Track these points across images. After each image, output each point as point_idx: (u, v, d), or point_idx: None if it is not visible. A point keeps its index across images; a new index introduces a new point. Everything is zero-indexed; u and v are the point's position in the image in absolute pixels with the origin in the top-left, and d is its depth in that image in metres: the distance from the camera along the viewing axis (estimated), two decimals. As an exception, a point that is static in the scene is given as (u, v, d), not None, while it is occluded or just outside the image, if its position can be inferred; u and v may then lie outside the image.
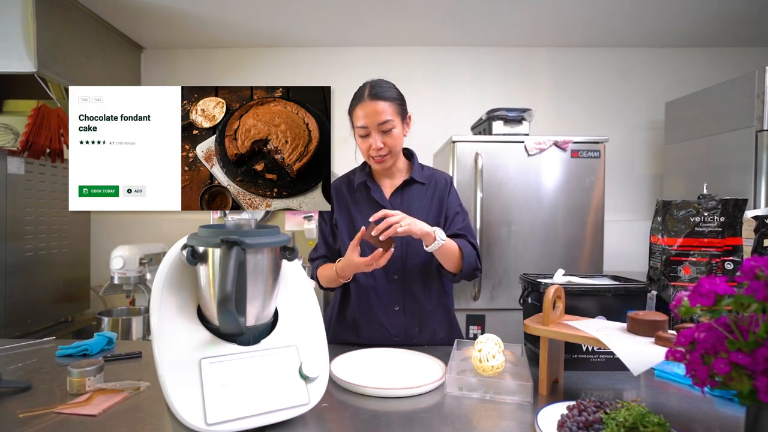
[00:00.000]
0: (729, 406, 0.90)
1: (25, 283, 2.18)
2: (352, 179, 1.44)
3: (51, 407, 0.86)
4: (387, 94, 1.29)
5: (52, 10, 2.13)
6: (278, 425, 0.80)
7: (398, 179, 1.41)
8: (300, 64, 2.96)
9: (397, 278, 1.36)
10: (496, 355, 0.97)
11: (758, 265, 0.58)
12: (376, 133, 1.27)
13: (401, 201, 1.38)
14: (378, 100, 1.27)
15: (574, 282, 1.17)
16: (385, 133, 1.28)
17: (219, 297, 0.73)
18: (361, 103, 1.28)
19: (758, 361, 0.55)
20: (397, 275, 1.36)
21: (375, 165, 1.34)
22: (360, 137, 1.31)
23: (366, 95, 1.28)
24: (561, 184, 2.15)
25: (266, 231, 0.82)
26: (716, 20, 2.56)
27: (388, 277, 1.36)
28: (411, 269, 1.35)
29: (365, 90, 1.29)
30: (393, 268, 1.35)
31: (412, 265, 1.35)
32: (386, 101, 1.28)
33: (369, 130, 1.28)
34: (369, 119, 1.26)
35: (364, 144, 1.31)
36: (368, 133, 1.28)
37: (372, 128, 1.27)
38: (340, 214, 1.40)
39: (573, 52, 2.96)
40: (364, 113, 1.27)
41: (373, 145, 1.28)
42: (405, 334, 1.35)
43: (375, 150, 1.29)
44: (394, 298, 1.36)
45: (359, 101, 1.29)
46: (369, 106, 1.26)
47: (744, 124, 2.06)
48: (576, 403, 0.79)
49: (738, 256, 1.32)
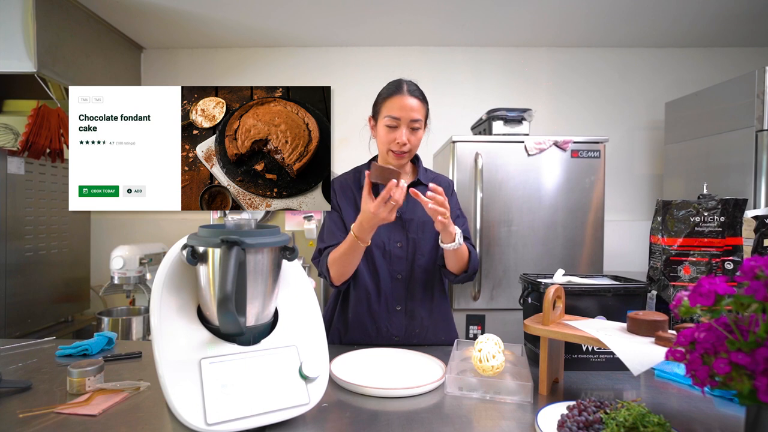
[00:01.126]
0: (729, 406, 0.90)
1: (25, 283, 2.18)
2: (359, 177, 1.43)
3: (51, 407, 0.86)
4: (422, 96, 1.33)
5: (52, 10, 2.13)
6: (278, 425, 0.80)
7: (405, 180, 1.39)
8: (300, 64, 2.96)
9: (401, 278, 1.36)
10: (496, 355, 0.97)
11: (758, 265, 0.58)
12: (405, 127, 1.28)
13: (409, 200, 1.36)
14: (415, 98, 1.30)
15: (574, 282, 1.17)
16: (412, 131, 1.30)
17: (219, 297, 0.73)
18: (399, 94, 1.29)
19: (758, 361, 0.55)
20: (401, 275, 1.36)
21: (393, 160, 1.33)
22: (386, 127, 1.30)
23: (405, 89, 1.30)
24: (561, 184, 2.15)
25: (266, 231, 0.82)
26: (716, 20, 2.56)
27: (392, 276, 1.36)
28: (416, 269, 1.35)
29: (403, 85, 1.31)
30: (398, 268, 1.35)
31: (417, 265, 1.36)
32: (421, 102, 1.31)
33: (399, 123, 1.28)
34: (404, 112, 1.27)
35: (388, 135, 1.30)
36: (397, 126, 1.28)
37: (403, 122, 1.28)
38: (347, 208, 1.39)
39: (573, 52, 2.95)
40: (400, 105, 1.28)
41: (398, 139, 1.28)
42: (405, 335, 1.35)
43: (399, 144, 1.29)
44: (396, 298, 1.35)
45: (396, 93, 1.30)
46: (406, 99, 1.28)
47: (744, 124, 2.06)
48: (576, 403, 0.79)
49: (738, 256, 1.32)
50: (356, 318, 1.37)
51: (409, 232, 1.36)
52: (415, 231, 1.36)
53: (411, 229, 1.36)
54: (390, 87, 1.33)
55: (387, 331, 1.35)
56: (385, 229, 1.34)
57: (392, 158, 1.32)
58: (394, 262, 1.35)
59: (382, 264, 1.35)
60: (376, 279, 1.35)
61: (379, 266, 1.35)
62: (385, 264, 1.35)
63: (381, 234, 1.34)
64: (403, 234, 1.36)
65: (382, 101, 1.32)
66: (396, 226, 1.35)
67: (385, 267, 1.35)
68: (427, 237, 1.36)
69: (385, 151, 1.33)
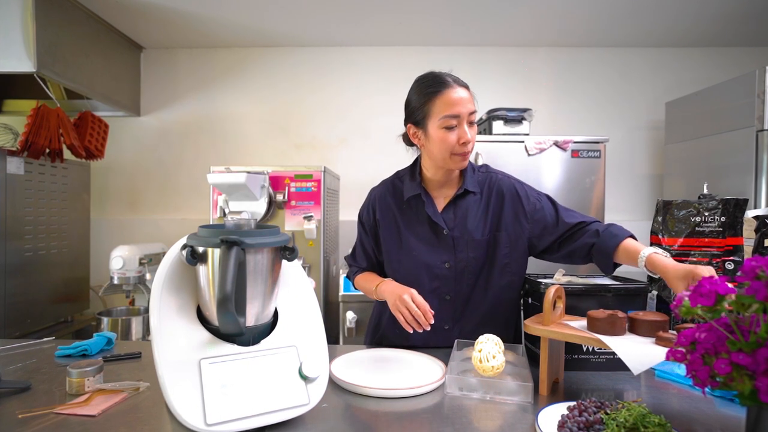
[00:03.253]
0: (730, 407, 0.90)
1: (24, 283, 2.18)
2: (400, 188, 1.29)
3: (50, 407, 0.85)
4: (467, 85, 1.16)
5: (51, 10, 2.13)
6: (278, 425, 0.80)
7: (451, 189, 1.26)
8: (300, 64, 2.96)
9: (449, 299, 1.24)
10: (496, 356, 0.97)
11: (759, 265, 0.58)
12: (465, 123, 1.13)
13: (455, 216, 1.24)
14: (464, 88, 1.14)
15: (575, 282, 1.17)
16: (471, 126, 1.15)
17: (219, 297, 0.72)
18: (451, 88, 1.12)
19: (759, 362, 0.55)
20: (449, 296, 1.24)
21: (458, 163, 1.17)
22: (445, 129, 1.13)
23: (452, 82, 1.13)
24: (561, 184, 2.15)
25: (266, 231, 0.82)
26: (716, 20, 2.56)
27: (440, 297, 1.24)
28: (464, 289, 1.24)
29: (447, 78, 1.14)
30: (446, 289, 1.24)
31: (467, 284, 1.24)
32: (469, 91, 1.15)
33: (459, 120, 1.12)
34: (463, 107, 1.11)
35: (449, 137, 1.13)
36: (458, 124, 1.13)
37: (463, 118, 1.12)
38: (386, 227, 1.28)
39: (573, 52, 2.95)
40: (456, 101, 1.11)
41: (463, 138, 1.12)
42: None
43: (464, 144, 1.13)
44: (444, 319, 1.24)
45: (446, 87, 1.12)
46: (461, 92, 1.12)
47: (744, 124, 2.06)
48: (576, 403, 0.79)
49: (739, 256, 1.32)
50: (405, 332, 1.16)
51: (458, 250, 1.23)
52: (464, 249, 1.22)
53: (459, 247, 1.23)
54: (433, 84, 1.15)
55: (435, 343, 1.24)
56: (430, 248, 1.23)
57: (458, 161, 1.17)
58: (441, 282, 1.23)
59: (428, 285, 1.23)
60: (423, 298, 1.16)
61: (426, 287, 1.23)
62: (432, 285, 1.23)
63: (426, 253, 1.23)
64: (451, 253, 1.23)
65: (430, 101, 1.14)
66: (443, 244, 1.23)
67: (431, 288, 1.23)
68: (479, 255, 1.23)
69: (447, 156, 1.16)
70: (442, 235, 1.23)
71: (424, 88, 1.16)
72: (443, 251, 1.23)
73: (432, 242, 1.23)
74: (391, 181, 1.34)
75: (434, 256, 1.23)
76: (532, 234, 1.25)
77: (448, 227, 1.23)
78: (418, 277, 1.24)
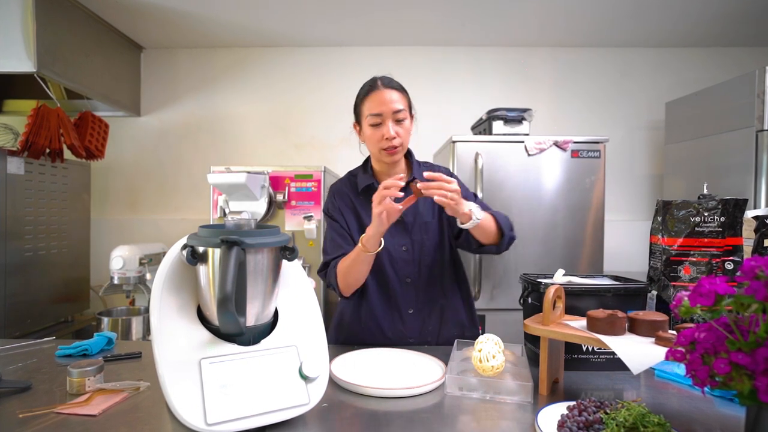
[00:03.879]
0: (729, 407, 0.90)
1: (25, 283, 2.18)
2: (355, 182, 1.40)
3: (51, 407, 0.86)
4: (399, 86, 1.29)
5: (51, 10, 2.13)
6: (278, 425, 0.80)
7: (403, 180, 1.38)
8: (299, 64, 2.96)
9: (410, 281, 1.34)
10: (496, 355, 0.97)
11: (758, 265, 0.58)
12: (390, 121, 1.25)
13: None
14: (392, 89, 1.26)
15: (574, 282, 1.17)
16: (398, 123, 1.26)
17: (219, 297, 0.72)
18: (376, 91, 1.26)
19: (758, 361, 0.55)
20: (410, 278, 1.34)
21: (386, 158, 1.29)
22: (371, 126, 1.26)
23: (379, 84, 1.27)
24: (561, 184, 2.15)
25: (266, 231, 0.82)
26: (717, 20, 2.56)
27: (401, 280, 1.34)
28: (423, 271, 1.34)
29: (377, 81, 1.28)
30: (406, 272, 1.33)
31: (424, 266, 1.34)
32: (399, 92, 1.28)
33: (383, 119, 1.25)
34: (385, 107, 1.24)
35: (376, 134, 1.26)
36: (381, 122, 1.25)
37: (386, 116, 1.24)
38: (348, 216, 1.37)
39: (573, 52, 2.95)
40: (379, 101, 1.24)
41: (386, 134, 1.24)
42: (420, 336, 1.34)
43: (388, 140, 1.25)
44: (408, 302, 1.34)
45: (372, 90, 1.27)
46: (384, 93, 1.25)
47: (744, 124, 2.06)
48: (576, 403, 0.79)
49: (738, 256, 1.32)
50: (370, 323, 1.34)
51: (413, 234, 1.34)
52: (418, 233, 1.34)
53: (414, 231, 1.34)
54: (364, 87, 1.30)
55: (402, 333, 1.33)
56: (388, 235, 1.30)
57: (385, 156, 1.29)
58: (401, 266, 1.33)
59: (389, 269, 1.33)
60: (384, 285, 1.34)
61: (387, 272, 1.33)
62: (393, 269, 1.33)
63: (385, 240, 1.31)
64: (407, 237, 1.34)
65: (361, 103, 1.29)
66: (398, 230, 1.33)
67: (392, 272, 1.33)
68: (431, 237, 1.35)
69: (377, 151, 1.29)
70: (397, 220, 1.29)
71: (360, 90, 1.31)
72: (399, 236, 1.34)
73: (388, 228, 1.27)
74: (347, 177, 1.45)
75: (392, 241, 1.31)
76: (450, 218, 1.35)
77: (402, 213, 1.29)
78: (380, 263, 1.31)
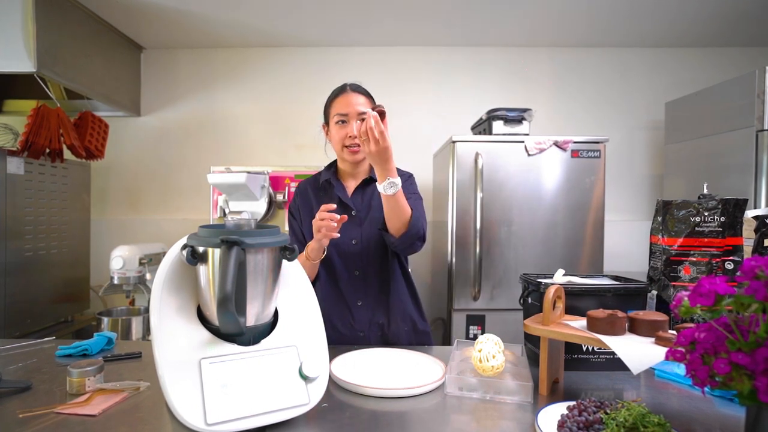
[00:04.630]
0: (729, 407, 0.90)
1: (25, 283, 2.18)
2: (318, 178, 1.49)
3: (51, 407, 0.86)
4: (365, 92, 1.40)
5: (52, 10, 2.13)
6: (278, 425, 0.80)
7: (361, 179, 1.45)
8: (300, 64, 2.96)
9: (358, 274, 1.40)
10: (496, 355, 0.97)
11: (758, 265, 0.58)
12: (354, 121, 1.34)
13: (362, 199, 1.42)
14: (358, 93, 1.38)
15: (574, 282, 1.17)
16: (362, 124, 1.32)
17: (219, 297, 0.73)
18: (343, 94, 1.37)
19: (758, 361, 0.55)
20: (358, 271, 1.40)
21: (349, 156, 1.37)
22: (337, 125, 1.36)
23: (348, 89, 1.39)
24: (561, 184, 2.15)
25: (266, 231, 0.82)
26: (716, 20, 2.56)
27: (349, 273, 1.39)
28: (371, 264, 1.39)
29: (346, 86, 1.40)
30: (355, 264, 1.39)
31: (373, 259, 1.39)
32: (364, 96, 1.39)
33: (348, 119, 1.34)
34: (350, 108, 1.34)
35: (340, 132, 1.35)
36: (346, 122, 1.35)
37: (351, 117, 1.34)
38: (304, 211, 1.44)
39: (573, 52, 2.95)
40: (346, 102, 1.35)
41: (350, 133, 1.34)
42: (369, 329, 1.38)
43: (351, 137, 1.34)
44: (356, 294, 1.40)
45: (340, 93, 1.38)
46: (350, 96, 1.36)
47: (744, 124, 2.06)
48: (576, 403, 0.79)
49: (738, 256, 1.32)
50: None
51: (363, 228, 1.40)
52: (368, 227, 1.40)
53: (365, 225, 1.40)
54: (334, 91, 1.41)
55: (351, 326, 1.38)
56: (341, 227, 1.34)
57: (347, 155, 1.36)
58: (350, 259, 1.39)
59: (338, 262, 1.39)
60: (333, 277, 1.40)
61: (336, 264, 1.39)
62: (342, 262, 1.39)
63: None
64: (358, 231, 1.40)
65: (330, 105, 1.40)
66: (350, 223, 1.39)
67: (342, 265, 1.39)
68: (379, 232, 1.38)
69: (340, 149, 1.38)
70: (350, 216, 1.40)
71: (330, 94, 1.42)
72: (351, 230, 1.39)
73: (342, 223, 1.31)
74: (313, 176, 1.53)
75: (343, 235, 1.34)
76: None
77: (356, 208, 1.41)
78: (330, 255, 1.37)
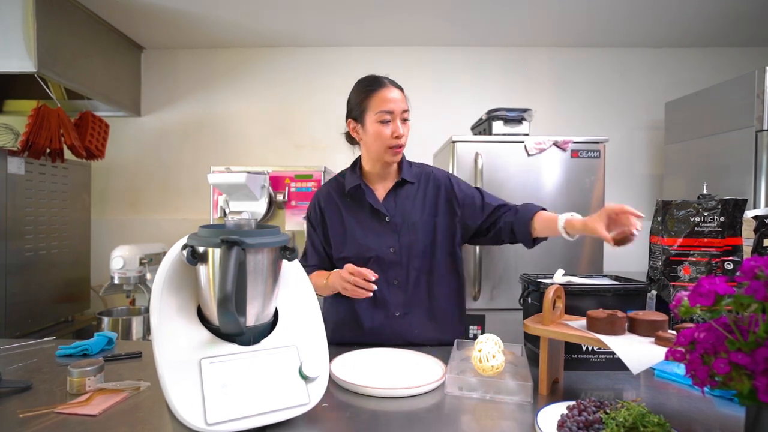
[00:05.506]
0: (729, 406, 0.90)
1: (25, 283, 2.18)
2: (342, 182, 1.39)
3: (51, 407, 0.86)
4: (400, 86, 1.29)
5: (52, 10, 2.13)
6: (278, 425, 0.80)
7: (390, 181, 1.37)
8: (300, 64, 2.96)
9: (397, 283, 1.33)
10: (496, 355, 0.97)
11: (758, 265, 0.58)
12: (399, 119, 1.26)
13: (395, 203, 1.34)
14: (398, 89, 1.28)
15: (574, 282, 1.17)
16: (404, 123, 1.27)
17: (219, 297, 0.73)
18: (386, 87, 1.26)
19: (758, 361, 0.55)
20: (397, 280, 1.33)
21: (391, 157, 1.29)
22: (380, 123, 1.25)
23: (387, 83, 1.27)
24: (561, 184, 2.15)
25: (266, 231, 0.82)
26: (716, 20, 2.56)
27: (388, 282, 1.32)
28: (411, 273, 1.33)
29: (382, 79, 1.28)
30: (393, 274, 1.32)
31: (413, 268, 1.33)
32: (402, 93, 1.29)
33: (393, 117, 1.25)
34: (396, 105, 1.24)
35: (384, 130, 1.25)
36: (391, 120, 1.25)
37: (396, 114, 1.25)
38: (331, 219, 1.37)
39: (573, 52, 2.95)
40: (391, 98, 1.24)
41: (396, 132, 1.25)
42: (405, 338, 1.32)
43: (398, 138, 1.25)
44: (395, 304, 1.32)
45: (382, 86, 1.26)
46: (394, 92, 1.26)
47: (744, 124, 2.06)
48: (576, 403, 0.79)
49: (738, 256, 1.32)
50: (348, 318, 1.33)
51: (401, 235, 1.32)
52: (406, 234, 1.32)
53: (402, 232, 1.32)
54: (370, 83, 1.28)
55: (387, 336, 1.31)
56: (374, 235, 1.31)
57: (390, 155, 1.28)
58: (388, 268, 1.31)
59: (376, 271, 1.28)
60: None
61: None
62: (380, 271, 1.30)
63: (371, 240, 1.31)
64: (395, 238, 1.32)
65: (366, 99, 1.27)
66: (386, 231, 1.32)
67: (380, 274, 1.29)
68: (420, 238, 1.33)
69: (383, 150, 1.28)
70: (384, 222, 1.32)
71: (364, 87, 1.29)
72: (387, 237, 1.32)
73: (375, 229, 1.29)
74: (334, 179, 1.43)
75: (379, 242, 1.31)
76: (464, 218, 1.36)
77: (389, 214, 1.32)
78: (366, 264, 1.29)
